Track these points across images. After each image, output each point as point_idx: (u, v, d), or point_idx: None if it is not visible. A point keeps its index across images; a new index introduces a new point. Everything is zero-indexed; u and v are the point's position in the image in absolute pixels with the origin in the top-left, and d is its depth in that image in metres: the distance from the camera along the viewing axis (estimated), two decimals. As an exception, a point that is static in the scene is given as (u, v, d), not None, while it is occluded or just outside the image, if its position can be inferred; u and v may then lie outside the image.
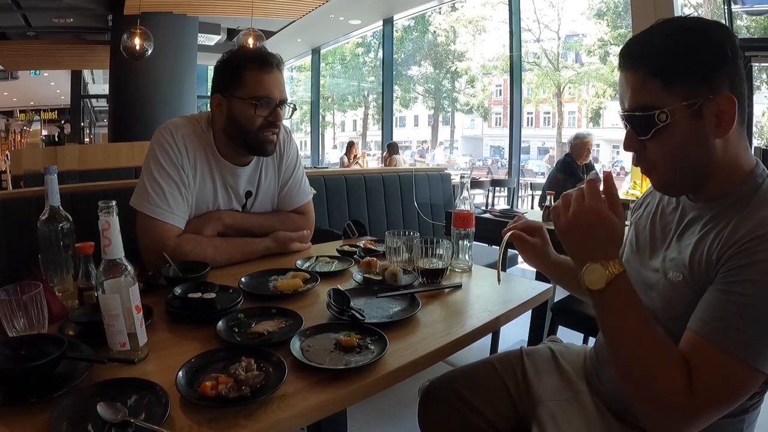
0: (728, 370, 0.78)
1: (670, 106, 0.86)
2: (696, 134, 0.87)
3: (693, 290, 0.88)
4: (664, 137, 0.89)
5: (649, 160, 0.94)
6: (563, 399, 1.13)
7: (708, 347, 0.80)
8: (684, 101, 0.85)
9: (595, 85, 17.20)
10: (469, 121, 23.28)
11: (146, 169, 1.54)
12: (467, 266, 1.57)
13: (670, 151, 0.90)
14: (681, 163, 0.91)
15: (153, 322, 1.08)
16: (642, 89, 0.89)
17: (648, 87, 0.88)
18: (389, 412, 2.28)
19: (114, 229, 0.92)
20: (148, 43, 6.03)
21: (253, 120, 1.57)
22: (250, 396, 0.79)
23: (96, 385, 0.82)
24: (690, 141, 0.88)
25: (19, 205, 1.76)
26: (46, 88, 14.42)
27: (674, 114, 0.86)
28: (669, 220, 1.04)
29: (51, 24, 8.46)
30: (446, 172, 3.82)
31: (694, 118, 0.86)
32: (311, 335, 1.03)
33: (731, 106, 0.85)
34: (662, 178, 0.95)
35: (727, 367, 0.78)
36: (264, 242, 1.69)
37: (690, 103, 0.85)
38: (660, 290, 0.97)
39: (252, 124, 1.57)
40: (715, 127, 0.86)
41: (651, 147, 0.92)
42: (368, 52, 20.65)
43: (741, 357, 0.77)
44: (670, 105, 0.86)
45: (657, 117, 0.87)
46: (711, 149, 0.88)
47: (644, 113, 0.89)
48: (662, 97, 0.87)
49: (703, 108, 0.85)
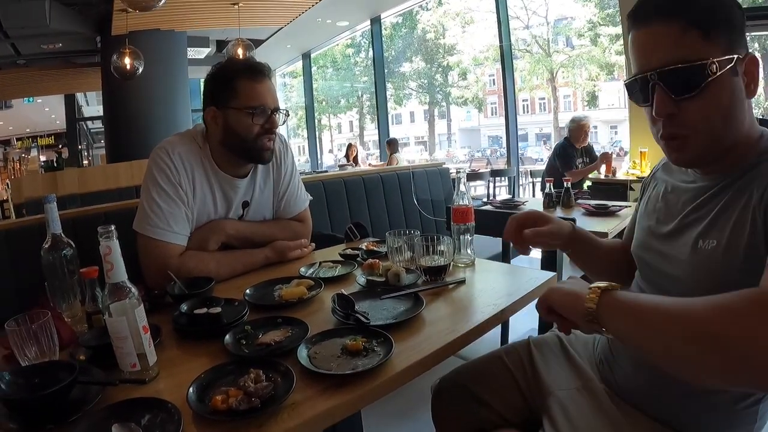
0: None
1: (717, 57, 0.79)
2: (738, 93, 0.83)
3: (737, 252, 0.83)
4: (710, 94, 0.81)
5: (688, 124, 0.86)
6: (573, 388, 1.13)
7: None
8: (723, 54, 0.80)
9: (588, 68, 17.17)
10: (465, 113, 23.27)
11: (145, 191, 1.56)
12: (470, 260, 1.57)
13: (716, 112, 0.83)
14: (723, 126, 0.84)
15: (162, 340, 1.10)
16: (681, 41, 0.81)
17: (687, 38, 0.81)
18: (404, 411, 2.29)
19: (115, 253, 0.94)
20: (138, 61, 6.06)
21: (251, 129, 1.59)
22: (260, 407, 0.80)
23: (109, 407, 0.83)
24: (735, 100, 0.83)
25: (23, 233, 1.77)
26: (41, 114, 14.48)
27: (722, 66, 0.79)
28: (682, 192, 1.01)
29: (40, 50, 8.46)
30: (444, 166, 3.82)
31: (734, 75, 0.81)
32: (318, 342, 1.04)
33: (757, 67, 0.83)
34: (698, 145, 0.87)
35: None
36: (263, 252, 1.71)
37: (730, 58, 0.80)
38: (691, 263, 0.92)
39: (249, 132, 1.59)
40: (746, 86, 0.83)
41: (691, 108, 0.84)
42: (359, 52, 20.68)
43: None
44: (716, 57, 0.79)
45: (708, 68, 0.79)
46: (745, 112, 0.85)
47: (691, 65, 0.80)
48: (706, 49, 0.80)
49: (737, 65, 0.81)
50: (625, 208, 2.90)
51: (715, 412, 0.95)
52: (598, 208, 2.95)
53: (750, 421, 0.95)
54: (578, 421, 1.04)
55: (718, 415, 0.95)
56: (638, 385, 1.04)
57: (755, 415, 0.95)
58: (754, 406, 0.94)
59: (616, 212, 2.85)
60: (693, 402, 0.96)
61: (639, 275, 1.12)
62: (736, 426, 0.96)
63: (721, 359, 0.67)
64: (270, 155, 1.68)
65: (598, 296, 0.80)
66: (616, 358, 1.10)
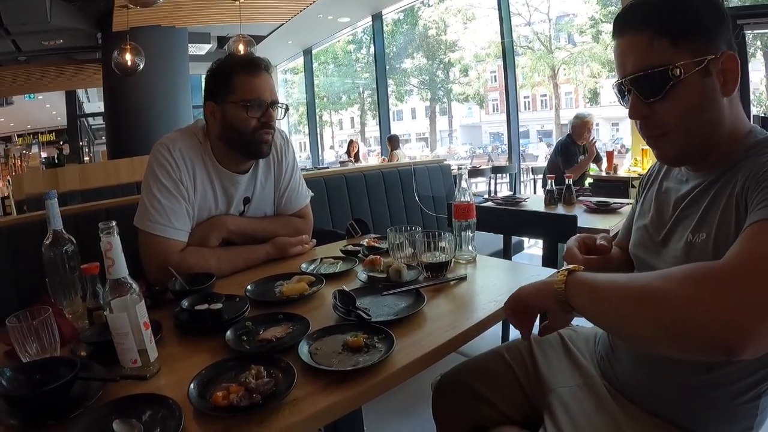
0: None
1: (682, 61, 0.85)
2: (708, 93, 0.87)
3: (726, 243, 0.82)
4: (677, 96, 0.87)
5: (660, 124, 0.92)
6: (574, 385, 1.13)
7: (759, 225, 0.74)
8: (692, 57, 0.85)
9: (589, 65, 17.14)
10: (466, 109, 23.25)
11: (145, 187, 1.56)
12: (471, 257, 1.57)
13: (685, 112, 0.89)
14: (696, 124, 0.89)
15: (163, 336, 1.09)
16: (649, 49, 0.87)
17: (655, 46, 0.87)
18: (405, 407, 2.29)
19: (116, 249, 0.93)
20: (139, 57, 6.05)
21: (247, 122, 1.59)
22: (261, 403, 0.79)
23: (110, 403, 0.83)
24: (704, 100, 0.87)
25: (23, 230, 1.77)
26: (42, 111, 14.48)
27: (687, 69, 0.85)
28: (674, 190, 1.04)
29: (41, 47, 8.47)
30: (446, 163, 3.82)
31: (703, 76, 0.86)
32: (319, 338, 1.03)
33: (735, 65, 0.86)
34: (675, 143, 0.93)
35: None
36: (264, 248, 1.71)
37: (699, 60, 0.85)
38: (683, 258, 0.94)
39: (246, 126, 1.59)
40: (722, 86, 0.87)
41: (662, 110, 0.90)
42: (360, 48, 20.67)
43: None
44: (681, 61, 0.85)
45: (671, 72, 0.86)
46: (721, 110, 0.89)
47: (654, 71, 0.87)
48: (671, 55, 0.86)
49: (710, 66, 0.86)
50: (627, 205, 2.89)
51: (715, 407, 0.95)
52: (599, 205, 2.94)
53: (750, 416, 0.95)
54: (579, 418, 1.04)
55: (717, 411, 0.95)
56: (638, 380, 1.04)
57: (755, 410, 0.95)
58: (754, 402, 0.94)
59: (618, 209, 2.84)
60: (692, 397, 0.96)
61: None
62: (735, 421, 0.96)
63: (669, 330, 0.70)
64: (268, 149, 1.67)
65: (566, 277, 0.85)
66: (617, 354, 1.10)
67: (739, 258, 0.70)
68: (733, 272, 0.68)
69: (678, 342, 0.71)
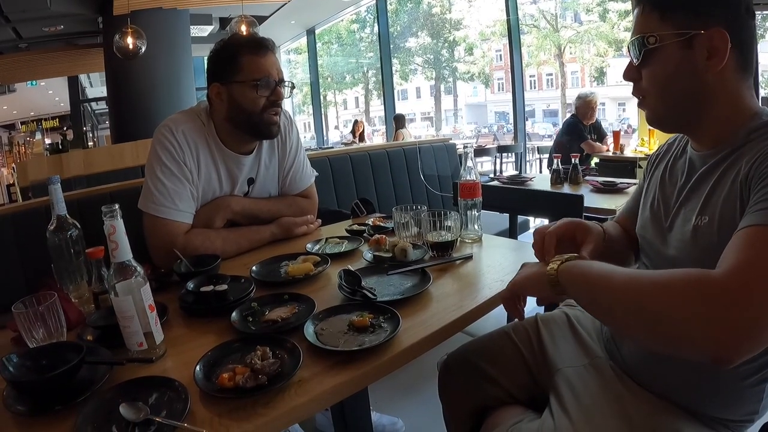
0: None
1: (662, 32, 0.92)
2: (685, 63, 0.91)
3: (729, 228, 0.82)
4: (654, 62, 0.95)
5: (642, 88, 1.00)
6: (580, 365, 1.12)
7: (756, 231, 0.74)
8: (675, 30, 0.91)
9: (596, 44, 16.91)
10: (471, 88, 23.04)
11: (149, 170, 1.55)
12: (477, 236, 1.56)
13: (659, 78, 0.96)
14: (670, 91, 0.96)
15: (168, 319, 1.10)
16: (642, 21, 0.96)
17: (647, 19, 0.95)
18: (411, 386, 2.30)
19: (120, 233, 0.93)
20: (140, 41, 5.99)
21: (256, 102, 1.58)
22: (267, 384, 0.80)
23: (117, 386, 0.83)
24: (679, 69, 0.92)
25: (29, 216, 1.77)
26: (44, 97, 14.43)
27: (663, 39, 0.92)
28: (679, 173, 1.04)
29: (42, 33, 8.42)
30: (451, 142, 3.79)
31: (683, 48, 0.91)
32: (324, 318, 1.03)
33: (723, 42, 0.87)
34: (653, 107, 1.00)
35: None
36: (269, 229, 1.71)
37: (680, 32, 0.90)
38: (686, 241, 0.94)
39: (255, 106, 1.58)
40: (706, 60, 0.89)
41: (645, 75, 0.98)
42: (363, 27, 20.45)
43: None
44: (662, 32, 0.92)
45: (646, 39, 0.94)
46: (702, 83, 0.92)
47: (636, 38, 0.95)
48: (656, 27, 0.93)
49: (693, 40, 0.89)
50: (633, 185, 2.87)
51: (721, 390, 0.94)
52: (605, 185, 2.92)
53: (756, 399, 0.95)
54: (585, 398, 1.03)
55: (723, 394, 0.95)
56: (644, 362, 1.03)
57: (761, 394, 0.94)
58: (760, 385, 0.93)
59: (624, 189, 2.83)
60: (698, 380, 0.95)
61: (642, 255, 1.13)
62: (741, 404, 0.95)
63: (660, 335, 0.74)
64: (277, 130, 1.66)
65: (558, 264, 0.91)
66: (626, 341, 1.09)
67: (734, 272, 0.70)
68: (728, 288, 0.68)
69: (670, 348, 0.76)
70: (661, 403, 0.98)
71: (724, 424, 0.97)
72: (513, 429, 1.04)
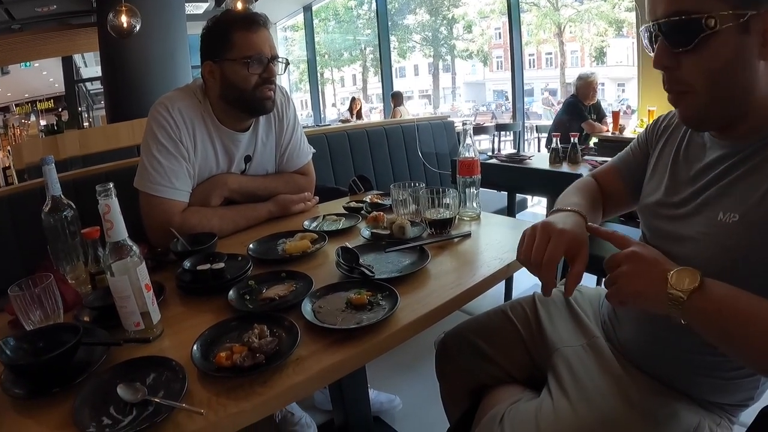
0: None
1: (720, 12, 0.74)
2: (744, 51, 0.76)
3: (758, 226, 0.78)
4: (708, 50, 0.77)
5: (685, 80, 0.82)
6: (578, 345, 1.11)
7: None
8: (733, 10, 0.74)
9: (596, 23, 16.73)
10: (470, 66, 22.82)
11: (145, 148, 1.53)
12: (476, 214, 1.55)
13: (714, 68, 0.78)
14: (724, 84, 0.79)
15: (165, 298, 1.09)
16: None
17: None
18: (408, 364, 2.32)
19: (114, 212, 0.92)
20: (135, 19, 5.89)
21: (248, 79, 1.56)
22: (265, 363, 0.79)
23: (114, 367, 0.83)
24: (738, 58, 0.77)
25: (24, 198, 1.76)
26: (39, 79, 14.26)
27: (723, 21, 0.74)
28: (696, 159, 0.95)
29: (35, 14, 8.31)
30: (449, 120, 3.76)
31: (741, 32, 0.75)
32: (322, 296, 1.03)
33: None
34: (697, 104, 0.83)
35: None
36: (267, 206, 1.70)
37: (739, 14, 0.74)
38: (704, 238, 0.87)
39: (247, 83, 1.56)
40: (761, 47, 0.76)
41: (689, 63, 0.80)
42: (361, 4, 20.17)
43: None
44: (719, 11, 0.74)
45: (704, 22, 0.75)
46: (756, 74, 0.78)
47: (687, 17, 0.76)
48: (710, 3, 0.75)
49: (750, 22, 0.75)
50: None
51: (716, 376, 0.94)
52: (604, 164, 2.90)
53: (751, 386, 0.95)
54: (583, 378, 1.03)
55: (719, 380, 0.95)
56: (640, 346, 1.03)
57: (757, 381, 0.95)
58: (755, 374, 0.93)
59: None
60: (695, 365, 0.95)
61: (646, 233, 1.06)
62: (737, 391, 0.96)
63: None
64: (271, 105, 1.64)
65: (686, 295, 0.73)
66: (620, 319, 1.09)
67: None
68: None
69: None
70: (658, 386, 0.98)
71: (720, 407, 0.97)
72: (511, 408, 1.04)
